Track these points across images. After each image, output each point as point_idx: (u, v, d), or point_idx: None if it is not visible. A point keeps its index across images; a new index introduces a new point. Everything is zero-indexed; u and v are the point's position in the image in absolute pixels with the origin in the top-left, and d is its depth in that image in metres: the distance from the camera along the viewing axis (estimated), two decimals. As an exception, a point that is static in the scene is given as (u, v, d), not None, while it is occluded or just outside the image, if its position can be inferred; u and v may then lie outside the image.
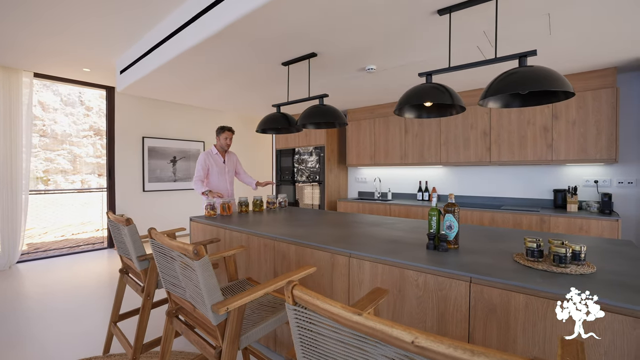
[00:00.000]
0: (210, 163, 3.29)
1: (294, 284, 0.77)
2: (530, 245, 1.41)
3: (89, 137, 8.83)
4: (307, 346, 0.78)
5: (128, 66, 3.48)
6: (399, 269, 1.48)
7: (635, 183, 3.15)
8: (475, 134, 3.73)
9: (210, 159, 3.29)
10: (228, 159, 3.43)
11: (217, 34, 2.30)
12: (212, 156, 3.31)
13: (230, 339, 1.24)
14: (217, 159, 3.33)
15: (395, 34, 2.33)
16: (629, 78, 3.18)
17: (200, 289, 1.21)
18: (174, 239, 2.67)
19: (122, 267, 2.26)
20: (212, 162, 3.30)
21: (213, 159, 3.31)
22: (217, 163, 3.32)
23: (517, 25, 2.21)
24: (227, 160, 3.42)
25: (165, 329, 1.61)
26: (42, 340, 2.28)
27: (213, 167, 3.29)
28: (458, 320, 1.31)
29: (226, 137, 3.31)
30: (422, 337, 0.54)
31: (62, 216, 7.45)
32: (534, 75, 1.53)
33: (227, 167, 3.40)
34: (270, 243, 2.11)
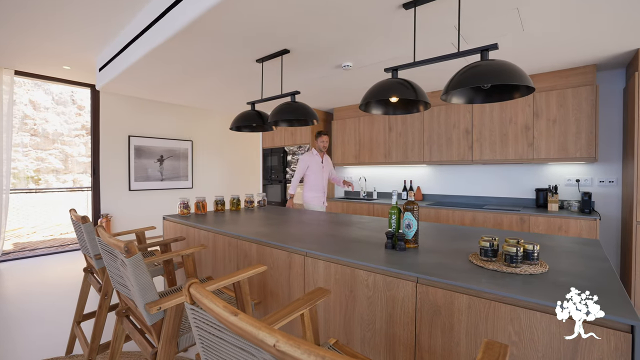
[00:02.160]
0: (311, 162, 3.74)
1: (192, 281, 0.73)
2: (484, 245, 1.37)
3: (81, 137, 8.79)
4: (207, 348, 0.74)
5: (106, 63, 3.45)
6: (351, 269, 1.43)
7: (616, 182, 3.10)
8: (458, 133, 3.69)
9: (311, 158, 3.75)
10: (325, 159, 3.85)
11: (183, 30, 2.27)
12: (313, 156, 3.75)
13: (166, 339, 1.20)
14: (317, 159, 3.75)
15: (365, 29, 2.29)
16: (609, 76, 3.13)
17: (133, 287, 1.17)
18: (144, 238, 2.64)
19: (87, 266, 2.22)
20: (312, 162, 3.75)
21: (313, 158, 3.75)
22: (316, 162, 3.75)
23: (488, 21, 2.17)
24: (325, 160, 3.84)
25: (115, 329, 1.58)
26: (7, 340, 2.24)
27: (312, 165, 3.73)
28: (405, 323, 1.27)
29: (322, 140, 3.75)
30: (283, 340, 0.50)
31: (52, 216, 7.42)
32: (495, 69, 1.49)
33: (325, 166, 3.81)
34: (234, 242, 2.07)
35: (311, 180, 3.74)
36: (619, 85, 3.10)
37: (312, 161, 3.74)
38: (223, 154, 6.62)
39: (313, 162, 3.74)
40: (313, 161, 3.74)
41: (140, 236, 2.50)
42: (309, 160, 3.73)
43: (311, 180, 3.74)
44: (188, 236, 2.50)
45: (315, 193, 3.75)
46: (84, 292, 2.19)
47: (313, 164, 3.73)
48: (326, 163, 3.85)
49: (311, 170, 3.72)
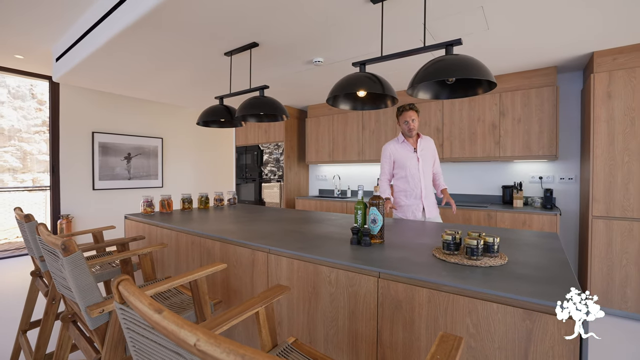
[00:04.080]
0: (396, 153, 2.50)
1: (122, 278, 0.66)
2: (446, 239, 1.37)
3: (42, 133, 8.24)
4: (138, 351, 0.67)
5: (63, 53, 3.23)
6: (314, 265, 1.39)
7: (575, 179, 3.25)
8: (429, 131, 3.74)
9: (396, 147, 2.52)
10: (422, 145, 2.51)
11: (144, 18, 2.14)
12: (399, 144, 2.52)
13: (111, 344, 1.11)
14: (406, 147, 2.50)
15: (333, 23, 2.26)
16: (568, 77, 3.28)
17: (73, 289, 1.07)
18: (102, 238, 2.48)
19: (35, 270, 2.05)
20: (398, 153, 2.50)
21: (400, 147, 2.51)
22: (404, 153, 2.49)
23: (454, 18, 2.20)
24: (421, 147, 2.50)
25: (60, 336, 1.45)
26: (-60, 352, 2.03)
27: (400, 158, 2.49)
28: (367, 319, 1.24)
29: (405, 121, 2.44)
30: (204, 339, 0.44)
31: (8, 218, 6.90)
32: (459, 63, 1.49)
33: (420, 156, 2.48)
34: (197, 240, 1.98)
35: (401, 181, 2.53)
36: (577, 86, 3.26)
37: (398, 151, 2.51)
38: (196, 152, 6.41)
39: (400, 152, 2.50)
40: (399, 151, 2.50)
41: (98, 236, 2.35)
42: (393, 151, 2.52)
43: (400, 180, 2.53)
44: (150, 235, 2.38)
45: (406, 199, 2.51)
46: (31, 298, 2.02)
47: (400, 155, 2.49)
48: (425, 150, 2.51)
49: (399, 165, 2.51)
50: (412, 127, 2.44)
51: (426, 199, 2.48)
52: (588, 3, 2.00)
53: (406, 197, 2.51)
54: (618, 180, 2.59)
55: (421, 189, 2.47)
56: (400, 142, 2.52)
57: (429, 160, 2.52)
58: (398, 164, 2.50)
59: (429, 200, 2.50)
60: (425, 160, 2.49)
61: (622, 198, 2.57)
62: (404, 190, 2.51)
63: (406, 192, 2.50)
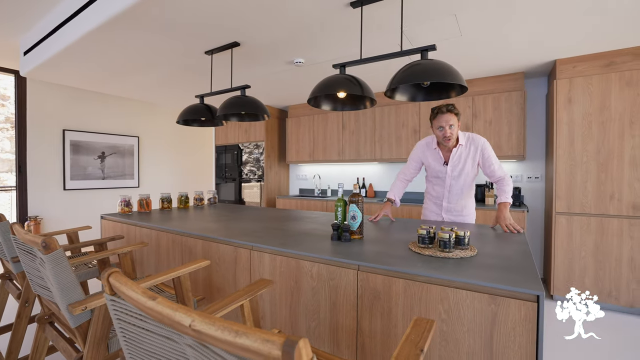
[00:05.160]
0: (425, 156, 2.24)
1: (111, 271, 0.68)
2: (421, 233, 1.45)
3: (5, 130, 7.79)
4: (129, 341, 0.69)
5: (33, 46, 3.10)
6: (295, 260, 1.44)
7: (541, 178, 3.48)
8: (407, 132, 3.87)
9: (424, 153, 2.24)
10: (458, 156, 2.10)
11: (122, 13, 2.11)
12: (430, 151, 2.20)
13: (93, 342, 1.11)
14: (436, 157, 2.18)
15: (314, 25, 2.31)
16: (535, 83, 3.50)
17: (54, 288, 1.06)
18: (77, 238, 2.41)
19: (4, 272, 1.98)
20: (427, 160, 2.24)
21: (430, 155, 2.21)
22: (435, 162, 2.20)
23: (430, 24, 2.30)
24: (454, 160, 2.11)
25: (36, 338, 1.42)
26: None
27: (429, 165, 2.24)
28: (347, 310, 1.30)
29: (440, 126, 2.01)
30: (199, 319, 0.48)
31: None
32: (433, 68, 1.58)
33: (452, 169, 2.13)
34: (178, 239, 1.97)
35: (428, 183, 2.34)
36: (542, 91, 3.48)
37: (428, 159, 2.24)
38: (174, 151, 6.27)
39: (429, 159, 2.23)
40: (429, 159, 2.23)
41: (73, 236, 2.29)
42: (422, 156, 2.27)
43: (428, 182, 2.34)
44: (128, 235, 2.34)
45: (428, 203, 2.37)
46: (1, 302, 1.95)
47: (429, 163, 2.24)
48: (457, 163, 2.11)
49: (430, 168, 2.26)
50: (448, 135, 1.99)
51: (447, 212, 2.23)
52: (550, 16, 2.16)
53: (429, 201, 2.34)
54: (578, 179, 2.80)
55: (443, 201, 2.23)
56: (432, 148, 2.18)
57: (468, 170, 2.12)
58: (429, 167, 2.26)
59: (452, 214, 2.23)
60: (459, 171, 2.12)
61: (581, 195, 2.78)
62: (429, 193, 2.34)
63: (430, 196, 2.33)
